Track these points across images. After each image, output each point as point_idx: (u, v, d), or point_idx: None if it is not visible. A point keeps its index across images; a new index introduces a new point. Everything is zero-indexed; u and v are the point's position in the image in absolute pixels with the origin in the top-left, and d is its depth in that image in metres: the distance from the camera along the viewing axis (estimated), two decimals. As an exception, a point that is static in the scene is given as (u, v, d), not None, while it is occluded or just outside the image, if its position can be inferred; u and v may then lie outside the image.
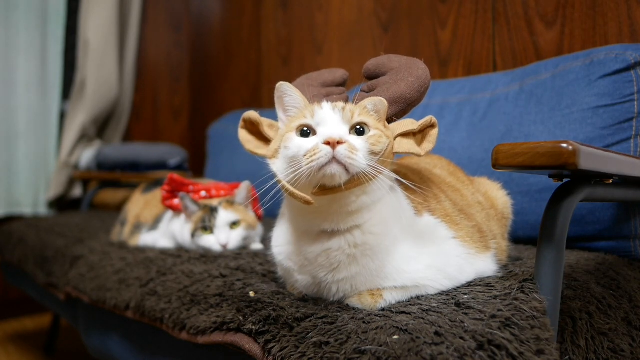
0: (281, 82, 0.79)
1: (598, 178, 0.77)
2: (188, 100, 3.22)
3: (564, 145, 0.60)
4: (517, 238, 1.24)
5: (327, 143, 0.67)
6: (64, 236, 1.68)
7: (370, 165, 0.69)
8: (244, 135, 0.82)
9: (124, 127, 2.90)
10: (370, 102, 0.77)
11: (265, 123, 0.82)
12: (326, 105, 0.75)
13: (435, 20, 1.78)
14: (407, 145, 0.77)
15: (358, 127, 0.73)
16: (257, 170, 0.80)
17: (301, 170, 0.68)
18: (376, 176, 0.70)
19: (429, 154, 1.10)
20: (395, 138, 0.76)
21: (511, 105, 1.36)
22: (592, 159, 0.64)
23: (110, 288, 1.13)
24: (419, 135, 0.78)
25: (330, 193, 0.70)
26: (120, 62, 2.83)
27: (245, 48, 2.72)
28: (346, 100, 0.84)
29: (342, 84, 0.90)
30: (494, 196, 1.03)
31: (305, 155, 0.69)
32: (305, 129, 0.73)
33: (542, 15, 1.49)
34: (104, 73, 2.67)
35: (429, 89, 0.82)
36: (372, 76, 0.85)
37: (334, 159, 0.67)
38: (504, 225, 1.02)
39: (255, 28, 2.65)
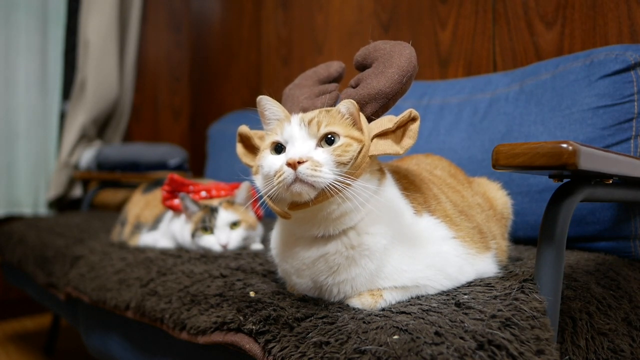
0: (260, 97, 0.80)
1: (598, 178, 0.77)
2: (188, 100, 3.23)
3: (564, 145, 0.60)
4: (517, 238, 1.24)
5: (289, 164, 0.68)
6: (64, 236, 1.68)
7: (340, 176, 0.69)
8: (240, 150, 0.85)
9: (124, 128, 2.91)
10: (344, 105, 0.75)
11: (256, 136, 0.83)
12: (294, 120, 0.74)
13: (435, 20, 1.78)
14: (383, 146, 0.73)
15: (329, 136, 0.72)
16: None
17: (273, 190, 0.71)
18: (344, 188, 0.69)
19: (429, 155, 1.11)
20: (372, 139, 0.73)
21: (511, 105, 1.36)
22: (592, 159, 0.64)
23: (110, 288, 1.13)
24: (398, 131, 0.73)
25: (302, 208, 0.72)
26: (121, 63, 2.83)
27: (245, 48, 2.72)
28: (336, 98, 0.83)
29: (337, 77, 0.89)
30: (493, 196, 1.03)
31: (275, 175, 0.70)
32: (278, 145, 0.75)
33: (542, 16, 1.49)
34: (104, 73, 2.67)
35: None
36: (360, 67, 0.84)
37: (298, 179, 0.68)
38: (503, 225, 1.02)
39: (255, 28, 2.65)
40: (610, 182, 0.78)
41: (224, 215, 1.26)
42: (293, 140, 0.73)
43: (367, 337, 0.62)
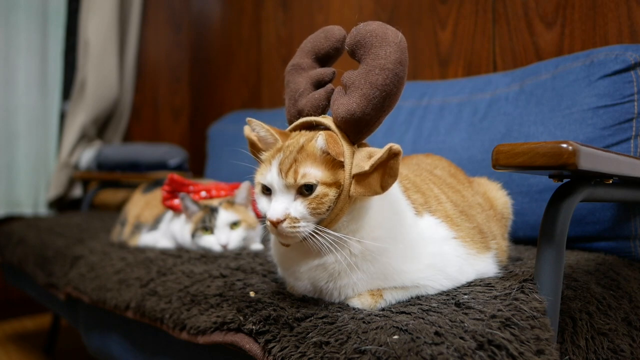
0: (249, 119, 0.79)
1: (598, 178, 0.77)
2: (188, 100, 3.23)
3: (564, 145, 0.60)
4: (517, 238, 1.24)
5: (271, 222, 0.71)
6: (64, 236, 1.68)
7: (317, 228, 0.71)
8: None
9: (124, 128, 2.90)
10: (322, 140, 0.72)
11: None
12: (274, 167, 0.73)
13: (435, 20, 1.78)
14: (362, 188, 0.70)
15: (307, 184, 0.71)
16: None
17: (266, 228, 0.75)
18: (321, 236, 0.70)
19: (429, 154, 1.11)
20: (353, 177, 0.70)
21: (511, 105, 1.36)
22: (592, 159, 0.64)
23: (110, 288, 1.13)
24: (379, 168, 0.70)
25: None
26: (121, 63, 2.83)
27: (245, 48, 2.72)
28: (330, 95, 0.79)
29: (335, 54, 0.85)
30: (493, 196, 1.03)
31: (266, 217, 0.73)
32: (265, 187, 0.76)
33: (542, 16, 1.49)
34: (104, 73, 2.67)
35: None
36: (353, 56, 0.79)
37: (280, 234, 0.72)
38: (503, 225, 1.02)
39: (255, 28, 2.65)
40: (610, 182, 0.78)
41: (224, 215, 1.26)
42: (274, 190, 0.73)
43: (367, 337, 0.62)
